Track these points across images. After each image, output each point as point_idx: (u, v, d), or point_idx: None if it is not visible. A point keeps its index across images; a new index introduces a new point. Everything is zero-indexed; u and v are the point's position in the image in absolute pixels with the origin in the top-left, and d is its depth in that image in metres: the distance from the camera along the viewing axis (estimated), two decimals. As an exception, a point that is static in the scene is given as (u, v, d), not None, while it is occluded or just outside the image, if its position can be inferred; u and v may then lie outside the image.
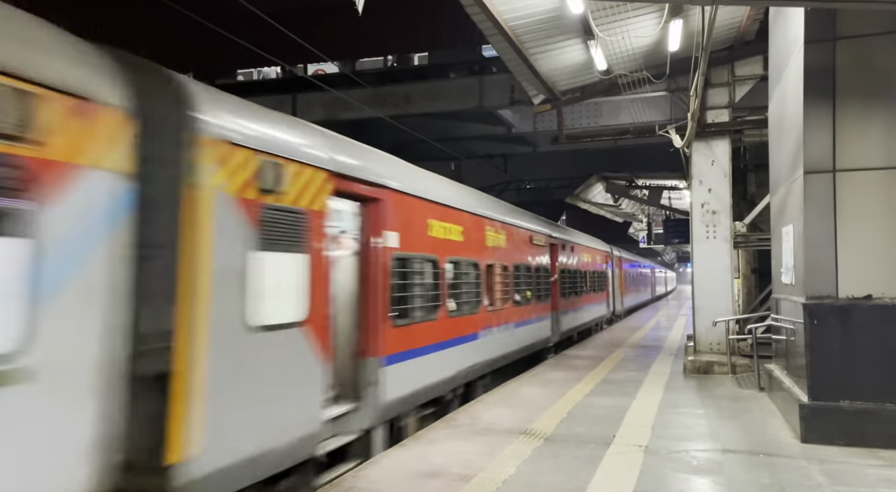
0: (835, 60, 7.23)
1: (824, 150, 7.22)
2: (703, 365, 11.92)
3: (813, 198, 7.24)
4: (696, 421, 7.96)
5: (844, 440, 6.71)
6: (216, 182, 4.62)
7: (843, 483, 5.55)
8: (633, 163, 26.15)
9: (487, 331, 10.90)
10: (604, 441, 6.91)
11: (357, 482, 5.59)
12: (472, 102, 18.22)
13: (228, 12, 14.67)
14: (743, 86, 13.16)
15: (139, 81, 4.24)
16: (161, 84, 4.57)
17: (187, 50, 16.89)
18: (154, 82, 4.50)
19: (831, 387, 6.89)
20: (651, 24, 11.09)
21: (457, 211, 9.67)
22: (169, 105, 4.46)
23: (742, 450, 6.64)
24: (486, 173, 26.89)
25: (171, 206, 4.36)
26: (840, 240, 7.08)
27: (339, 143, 6.76)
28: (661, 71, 12.68)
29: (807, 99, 7.28)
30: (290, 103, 18.66)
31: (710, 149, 13.07)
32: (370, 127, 19.44)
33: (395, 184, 7.56)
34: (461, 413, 8.45)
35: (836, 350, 6.92)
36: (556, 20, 10.66)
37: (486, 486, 5.47)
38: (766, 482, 5.56)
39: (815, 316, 7.05)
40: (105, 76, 3.99)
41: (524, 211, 15.11)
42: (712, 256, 12.99)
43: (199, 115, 4.54)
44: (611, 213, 39.72)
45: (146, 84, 4.31)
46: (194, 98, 4.59)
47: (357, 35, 17.07)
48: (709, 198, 13.06)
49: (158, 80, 4.59)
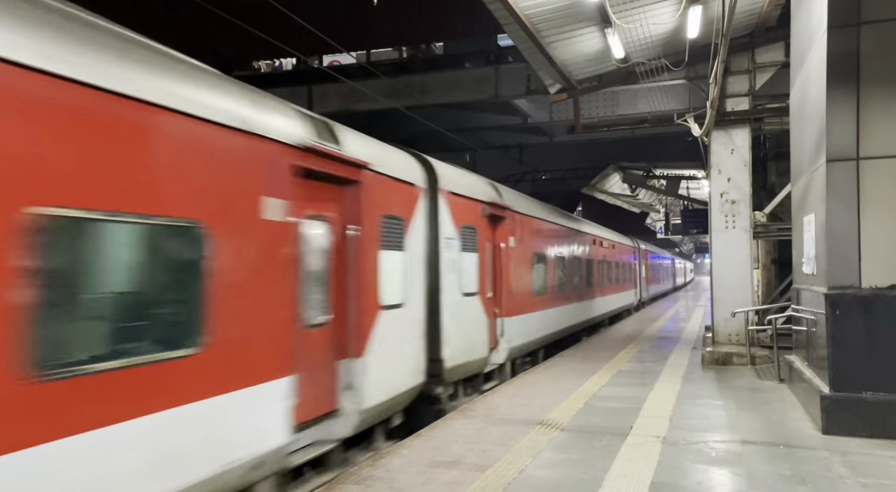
0: (859, 46, 7.08)
1: (848, 137, 7.08)
2: (721, 356, 11.81)
3: (836, 186, 7.11)
4: (715, 412, 7.90)
5: (867, 432, 6.61)
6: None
7: (866, 475, 5.48)
8: (651, 152, 25.89)
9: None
10: (621, 432, 6.88)
11: (374, 471, 5.62)
12: (488, 92, 18.12)
13: (245, 4, 14.73)
14: (764, 73, 12.94)
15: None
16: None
17: (204, 42, 16.99)
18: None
19: (853, 378, 6.79)
20: (669, 11, 10.93)
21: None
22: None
23: (762, 441, 6.58)
24: (501, 164, 26.79)
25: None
26: (863, 229, 6.96)
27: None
28: (679, 59, 12.49)
29: (830, 85, 7.14)
30: (305, 95, 18.69)
31: (730, 138, 12.89)
32: (386, 118, 19.42)
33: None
34: (478, 403, 8.47)
35: (858, 341, 6.82)
36: (572, 8, 10.54)
37: (503, 476, 5.47)
38: (786, 474, 5.51)
39: (838, 306, 6.94)
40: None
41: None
42: (731, 246, 12.83)
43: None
44: (627, 203, 39.39)
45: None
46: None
47: (372, 26, 17.05)
48: (728, 187, 12.89)
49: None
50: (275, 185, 5.11)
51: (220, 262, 4.44)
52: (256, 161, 4.92)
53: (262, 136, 4.96)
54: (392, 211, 7.22)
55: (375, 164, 6.77)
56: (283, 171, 5.27)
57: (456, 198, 9.04)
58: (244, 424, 4.67)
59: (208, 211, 4.36)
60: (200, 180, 4.35)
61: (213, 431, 4.37)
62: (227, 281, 4.49)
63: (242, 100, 4.91)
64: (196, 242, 4.27)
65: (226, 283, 4.48)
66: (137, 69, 3.96)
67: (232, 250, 4.59)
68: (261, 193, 4.93)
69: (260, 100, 5.20)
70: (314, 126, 5.87)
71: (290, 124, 5.44)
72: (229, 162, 4.64)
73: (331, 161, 5.98)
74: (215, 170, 4.50)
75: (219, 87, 4.72)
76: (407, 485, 5.27)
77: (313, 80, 19.12)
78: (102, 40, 3.82)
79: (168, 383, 4.00)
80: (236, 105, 4.77)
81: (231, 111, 4.68)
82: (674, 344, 14.99)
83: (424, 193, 8.18)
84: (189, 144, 4.28)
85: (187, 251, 4.24)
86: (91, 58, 3.64)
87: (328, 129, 6.19)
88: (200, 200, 4.32)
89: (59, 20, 3.60)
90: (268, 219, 4.99)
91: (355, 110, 18.19)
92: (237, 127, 4.69)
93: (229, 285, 4.52)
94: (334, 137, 6.19)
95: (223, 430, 4.47)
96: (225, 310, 4.45)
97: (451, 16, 16.66)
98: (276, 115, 5.27)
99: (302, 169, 5.52)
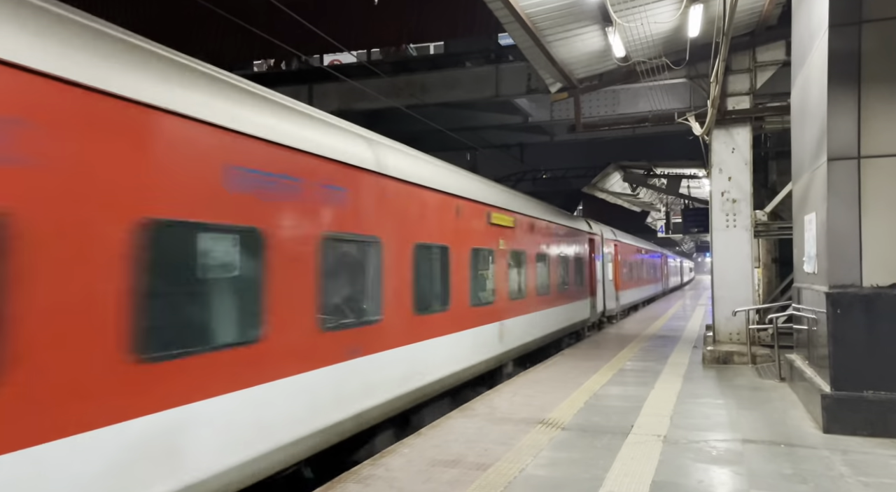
0: (860, 44, 7.06)
1: (849, 136, 7.07)
2: (722, 355, 11.81)
3: (837, 185, 7.10)
4: (716, 411, 7.89)
5: (868, 431, 6.61)
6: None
7: (867, 474, 5.47)
8: (652, 151, 25.84)
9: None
10: (621, 431, 6.88)
11: (375, 470, 5.62)
12: (489, 91, 18.09)
13: (245, 3, 14.71)
14: (765, 72, 12.93)
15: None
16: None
17: (203, 41, 16.97)
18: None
19: (854, 377, 6.78)
20: (670, 10, 10.92)
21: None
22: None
23: (762, 440, 6.58)
24: (502, 163, 26.75)
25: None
26: (864, 227, 6.95)
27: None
28: (680, 57, 12.48)
29: (831, 84, 7.13)
30: (306, 93, 18.66)
31: (731, 136, 12.88)
32: (386, 117, 19.40)
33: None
34: (478, 403, 8.46)
35: (859, 339, 6.81)
36: (573, 7, 10.52)
37: (504, 475, 5.47)
38: (787, 473, 5.50)
39: (839, 305, 6.93)
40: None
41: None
42: (732, 245, 12.83)
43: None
44: (628, 202, 39.37)
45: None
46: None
47: (373, 24, 17.02)
48: (729, 186, 12.89)
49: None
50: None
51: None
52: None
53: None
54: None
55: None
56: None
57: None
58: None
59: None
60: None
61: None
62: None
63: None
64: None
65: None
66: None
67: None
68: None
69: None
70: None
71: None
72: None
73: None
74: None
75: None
76: (407, 484, 5.27)
77: (314, 79, 19.10)
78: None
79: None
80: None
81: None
82: (674, 343, 14.98)
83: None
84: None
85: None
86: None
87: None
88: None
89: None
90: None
91: (355, 109, 18.16)
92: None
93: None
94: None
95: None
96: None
97: (452, 15, 16.63)
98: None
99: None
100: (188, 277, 4.42)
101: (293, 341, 5.43)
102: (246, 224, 4.87)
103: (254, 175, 4.97)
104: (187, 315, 4.40)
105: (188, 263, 4.43)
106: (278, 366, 5.18)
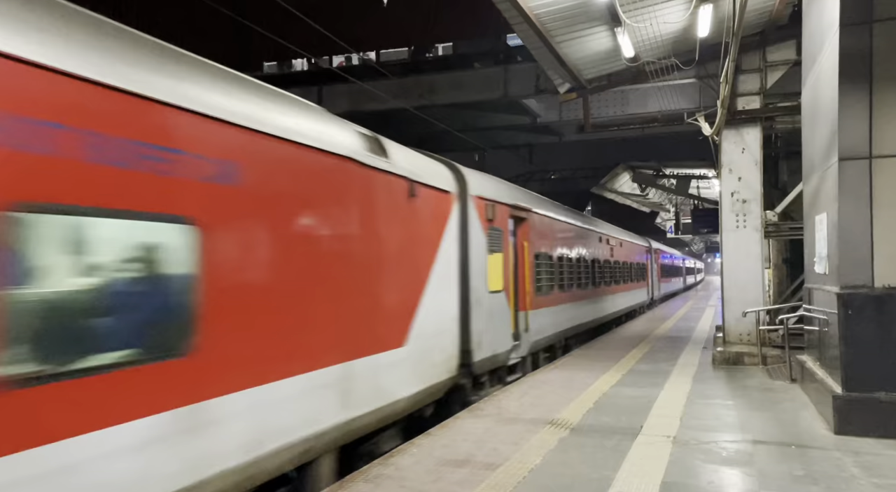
0: (871, 43, 7.02)
1: (860, 136, 7.03)
2: (732, 356, 11.76)
3: (848, 185, 7.06)
4: (726, 412, 7.87)
5: (880, 432, 6.56)
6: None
7: (879, 475, 5.44)
8: (661, 152, 25.78)
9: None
10: (631, 432, 6.87)
11: (385, 470, 5.65)
12: (497, 92, 18.11)
13: (256, 6, 14.81)
14: (775, 72, 12.86)
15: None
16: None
17: (215, 43, 17.09)
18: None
19: (867, 378, 6.74)
20: (680, 10, 10.89)
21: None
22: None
23: (773, 441, 6.55)
24: (511, 163, 26.75)
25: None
26: (876, 228, 6.90)
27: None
28: (689, 57, 12.44)
29: (842, 83, 7.09)
30: (316, 95, 18.74)
31: (741, 136, 12.82)
32: (395, 118, 19.44)
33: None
34: (487, 403, 8.47)
35: (871, 340, 6.76)
36: (582, 7, 10.52)
37: (513, 474, 5.48)
38: (798, 474, 5.48)
39: (850, 306, 6.89)
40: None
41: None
42: (742, 245, 12.76)
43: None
44: (637, 202, 39.29)
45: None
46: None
47: (382, 26, 17.09)
48: (739, 186, 12.83)
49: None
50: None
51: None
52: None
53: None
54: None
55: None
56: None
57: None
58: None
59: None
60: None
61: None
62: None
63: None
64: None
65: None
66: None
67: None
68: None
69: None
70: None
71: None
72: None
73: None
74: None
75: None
76: (417, 483, 5.29)
77: (323, 80, 19.19)
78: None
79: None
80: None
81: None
82: (684, 344, 14.93)
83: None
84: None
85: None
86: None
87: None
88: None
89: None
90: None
91: (364, 110, 18.23)
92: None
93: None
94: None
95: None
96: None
97: (461, 16, 16.67)
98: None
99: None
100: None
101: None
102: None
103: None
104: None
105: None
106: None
